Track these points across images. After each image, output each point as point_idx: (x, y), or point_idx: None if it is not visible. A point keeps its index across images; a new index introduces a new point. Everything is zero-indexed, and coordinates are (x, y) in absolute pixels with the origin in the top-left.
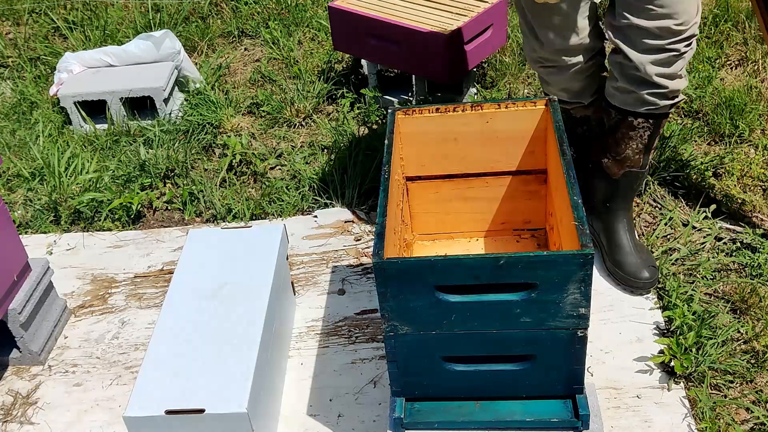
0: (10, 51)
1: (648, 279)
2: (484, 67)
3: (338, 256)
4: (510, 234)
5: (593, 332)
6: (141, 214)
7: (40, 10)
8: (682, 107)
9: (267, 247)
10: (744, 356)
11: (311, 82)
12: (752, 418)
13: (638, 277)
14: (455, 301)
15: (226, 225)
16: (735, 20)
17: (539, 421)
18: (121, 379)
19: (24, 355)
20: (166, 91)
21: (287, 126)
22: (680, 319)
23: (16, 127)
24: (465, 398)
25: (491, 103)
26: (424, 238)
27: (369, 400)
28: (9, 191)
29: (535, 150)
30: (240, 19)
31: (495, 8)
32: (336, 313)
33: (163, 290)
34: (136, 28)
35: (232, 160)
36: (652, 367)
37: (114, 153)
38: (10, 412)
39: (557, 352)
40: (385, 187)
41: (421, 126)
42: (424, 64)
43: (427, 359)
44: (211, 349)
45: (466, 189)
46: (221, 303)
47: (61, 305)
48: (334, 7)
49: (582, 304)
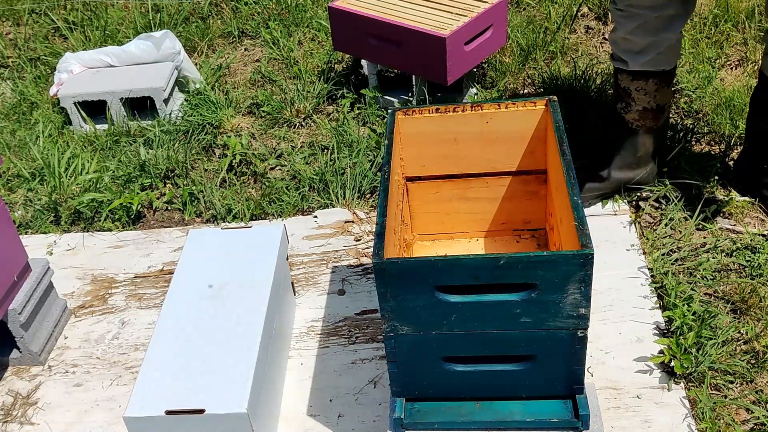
0: (10, 51)
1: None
2: (484, 67)
3: (338, 257)
4: (510, 234)
5: (593, 332)
6: (141, 214)
7: (40, 10)
8: (682, 107)
9: (267, 248)
10: (744, 356)
11: (311, 82)
12: (752, 419)
13: None
14: (455, 302)
15: (226, 225)
16: (735, 20)
17: (539, 422)
18: (121, 379)
19: (24, 355)
20: (166, 92)
21: (287, 126)
22: (680, 319)
23: (16, 128)
24: (465, 398)
25: (491, 103)
26: (424, 239)
27: (369, 401)
28: (9, 191)
29: (535, 150)
30: (240, 20)
31: (495, 8)
32: (336, 314)
33: (163, 290)
34: (136, 29)
35: (232, 160)
36: (652, 367)
37: (114, 153)
38: (10, 412)
39: (557, 352)
40: (385, 188)
41: (421, 126)
42: (424, 64)
43: (427, 359)
44: (211, 349)
45: (466, 189)
46: (221, 303)
47: (61, 305)
48: (334, 8)
49: (582, 305)
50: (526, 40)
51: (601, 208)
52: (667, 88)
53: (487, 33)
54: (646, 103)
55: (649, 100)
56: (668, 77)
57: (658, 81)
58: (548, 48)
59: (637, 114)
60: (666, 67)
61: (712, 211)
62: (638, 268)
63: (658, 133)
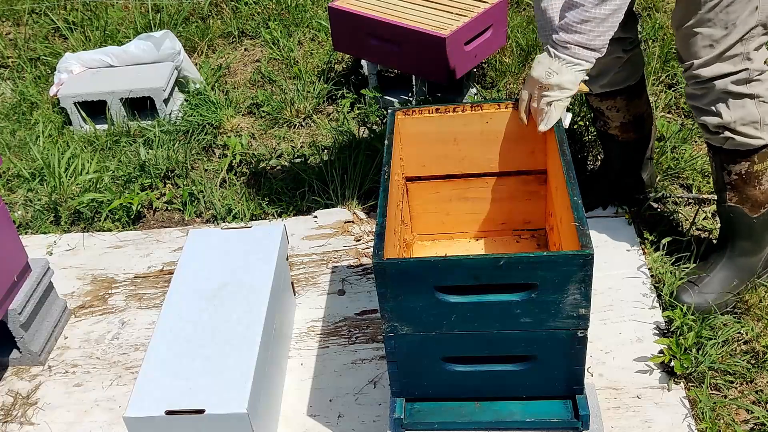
0: (10, 51)
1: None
2: (484, 67)
3: (338, 257)
4: (510, 234)
5: (593, 332)
6: (141, 214)
7: (40, 10)
8: (682, 107)
9: (267, 248)
10: (744, 356)
11: (311, 82)
12: (752, 419)
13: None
14: (455, 302)
15: (226, 225)
16: None
17: (539, 422)
18: (121, 379)
19: (24, 355)
20: (166, 92)
21: (287, 126)
22: (680, 319)
23: (16, 128)
24: (465, 398)
25: (491, 104)
26: (424, 239)
27: (369, 401)
28: (9, 191)
29: (535, 150)
30: (240, 20)
31: (495, 8)
32: (336, 314)
33: (163, 290)
34: (136, 29)
35: (232, 160)
36: (652, 367)
37: (114, 153)
38: (10, 412)
39: (557, 352)
40: (385, 188)
41: (421, 126)
42: (424, 64)
43: (427, 360)
44: (211, 349)
45: (466, 189)
46: (221, 303)
47: (61, 306)
48: (335, 8)
49: (582, 305)
50: (526, 40)
51: (602, 209)
52: (639, 100)
53: (487, 33)
54: (622, 118)
55: (624, 115)
56: (636, 90)
57: (626, 96)
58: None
59: (617, 129)
60: (630, 83)
61: (713, 211)
62: (638, 268)
63: (649, 137)
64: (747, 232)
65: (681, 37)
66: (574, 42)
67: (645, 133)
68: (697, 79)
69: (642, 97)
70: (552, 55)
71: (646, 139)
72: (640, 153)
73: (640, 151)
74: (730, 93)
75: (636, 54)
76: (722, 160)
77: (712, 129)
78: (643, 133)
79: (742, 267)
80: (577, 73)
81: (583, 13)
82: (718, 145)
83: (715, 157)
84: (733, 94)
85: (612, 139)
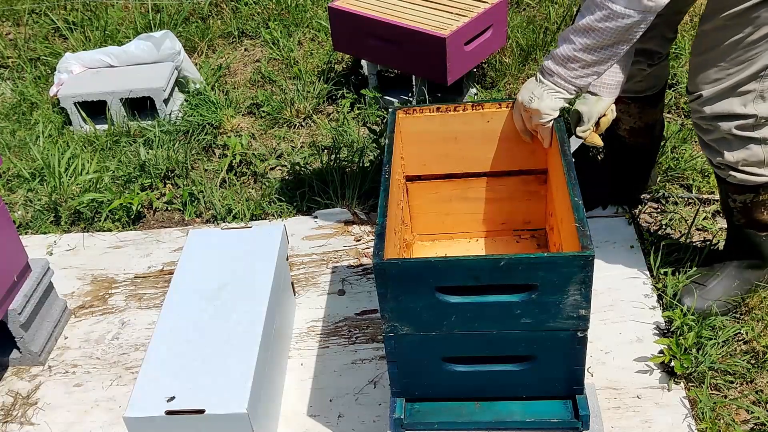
0: (10, 51)
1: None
2: (484, 67)
3: (338, 257)
4: (510, 234)
5: (593, 332)
6: (141, 214)
7: (40, 10)
8: (682, 107)
9: (267, 248)
10: (744, 357)
11: (311, 82)
12: (752, 419)
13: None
14: (455, 302)
15: (226, 225)
16: None
17: (539, 422)
18: (121, 379)
19: (24, 355)
20: (166, 92)
21: (287, 126)
22: (680, 319)
23: (16, 128)
24: (465, 399)
25: (491, 103)
26: (424, 239)
27: (369, 401)
28: (9, 192)
29: (536, 150)
30: (240, 20)
31: (495, 8)
32: (336, 314)
33: (163, 291)
34: (136, 29)
35: (232, 160)
36: (652, 367)
37: (114, 153)
38: (10, 412)
39: (557, 352)
40: (386, 187)
41: (421, 125)
42: (424, 64)
43: (428, 360)
44: (211, 349)
45: (466, 189)
46: (221, 303)
47: (61, 306)
48: (334, 8)
49: (582, 305)
50: (526, 40)
51: (602, 209)
52: (653, 109)
53: (487, 33)
54: (632, 123)
55: (635, 121)
56: (653, 100)
57: (641, 105)
58: (548, 48)
59: (626, 132)
60: (648, 93)
61: (713, 211)
62: (638, 268)
63: (657, 144)
64: (755, 248)
65: (695, 65)
66: (557, 74)
67: (654, 140)
68: (702, 115)
69: (657, 106)
70: (537, 80)
71: (654, 146)
72: (646, 157)
73: (645, 155)
74: (734, 136)
75: (661, 67)
76: (727, 190)
77: (714, 163)
78: (652, 140)
79: (747, 279)
80: (557, 100)
81: (572, 52)
82: (722, 176)
83: (720, 185)
84: (737, 137)
85: (619, 140)
